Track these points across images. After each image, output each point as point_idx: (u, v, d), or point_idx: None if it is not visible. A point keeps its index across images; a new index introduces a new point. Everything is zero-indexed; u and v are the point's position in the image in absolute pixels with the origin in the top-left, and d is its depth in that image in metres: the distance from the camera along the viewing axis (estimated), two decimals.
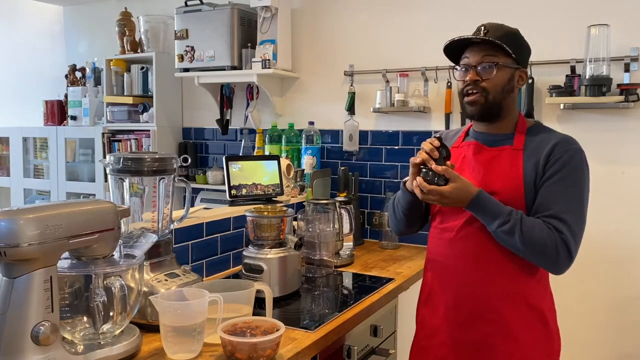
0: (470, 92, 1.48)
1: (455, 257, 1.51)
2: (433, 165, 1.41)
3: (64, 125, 3.88)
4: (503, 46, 1.44)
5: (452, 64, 1.58)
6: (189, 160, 1.71)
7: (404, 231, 1.73)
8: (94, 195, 3.61)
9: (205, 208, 2.27)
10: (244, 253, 1.84)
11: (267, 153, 2.97)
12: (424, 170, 1.42)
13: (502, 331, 1.46)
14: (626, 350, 2.36)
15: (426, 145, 1.44)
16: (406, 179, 1.54)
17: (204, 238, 2.04)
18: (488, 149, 1.52)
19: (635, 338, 2.35)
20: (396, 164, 2.82)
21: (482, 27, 1.47)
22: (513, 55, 1.46)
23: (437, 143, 1.43)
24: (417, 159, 1.45)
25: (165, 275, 1.53)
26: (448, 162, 1.42)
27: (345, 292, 1.99)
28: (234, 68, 3.01)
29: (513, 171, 1.46)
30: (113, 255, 1.30)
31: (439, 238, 1.57)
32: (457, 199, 1.40)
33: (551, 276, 1.53)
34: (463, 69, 1.51)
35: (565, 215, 1.40)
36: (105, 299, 1.22)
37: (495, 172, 1.47)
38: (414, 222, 1.69)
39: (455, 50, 1.54)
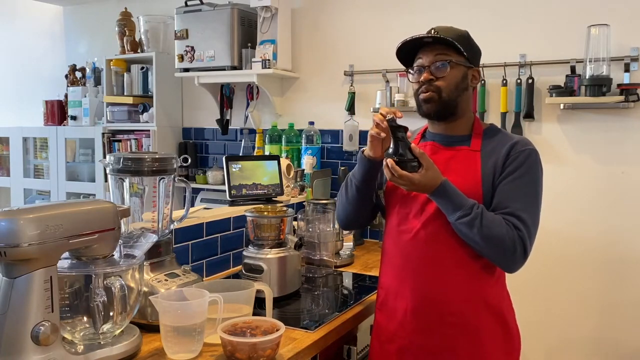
0: (424, 90, 1.48)
1: (415, 259, 1.48)
2: (412, 146, 1.37)
3: (64, 125, 3.88)
4: (454, 44, 1.44)
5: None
6: (189, 160, 1.71)
7: (352, 218, 1.65)
8: (94, 195, 3.61)
9: (205, 208, 2.27)
10: (244, 253, 1.84)
11: (267, 153, 2.97)
12: (400, 152, 1.38)
13: (464, 333, 1.45)
14: (626, 351, 2.37)
15: (379, 116, 1.41)
16: (364, 148, 1.51)
17: (204, 238, 2.04)
18: (445, 149, 1.53)
19: (635, 339, 2.35)
20: None
21: (432, 30, 1.48)
22: (464, 54, 1.47)
23: (394, 113, 1.41)
24: (381, 126, 1.41)
25: (165, 275, 1.53)
26: (412, 145, 1.38)
27: (345, 292, 1.99)
28: (234, 68, 3.01)
29: (471, 171, 1.47)
30: (113, 255, 1.30)
31: (397, 240, 1.54)
32: (426, 186, 1.38)
33: (552, 276, 1.52)
34: (417, 71, 1.51)
35: (523, 214, 1.41)
36: (105, 299, 1.22)
37: (454, 171, 1.47)
38: (364, 205, 1.61)
39: (407, 54, 1.54)
